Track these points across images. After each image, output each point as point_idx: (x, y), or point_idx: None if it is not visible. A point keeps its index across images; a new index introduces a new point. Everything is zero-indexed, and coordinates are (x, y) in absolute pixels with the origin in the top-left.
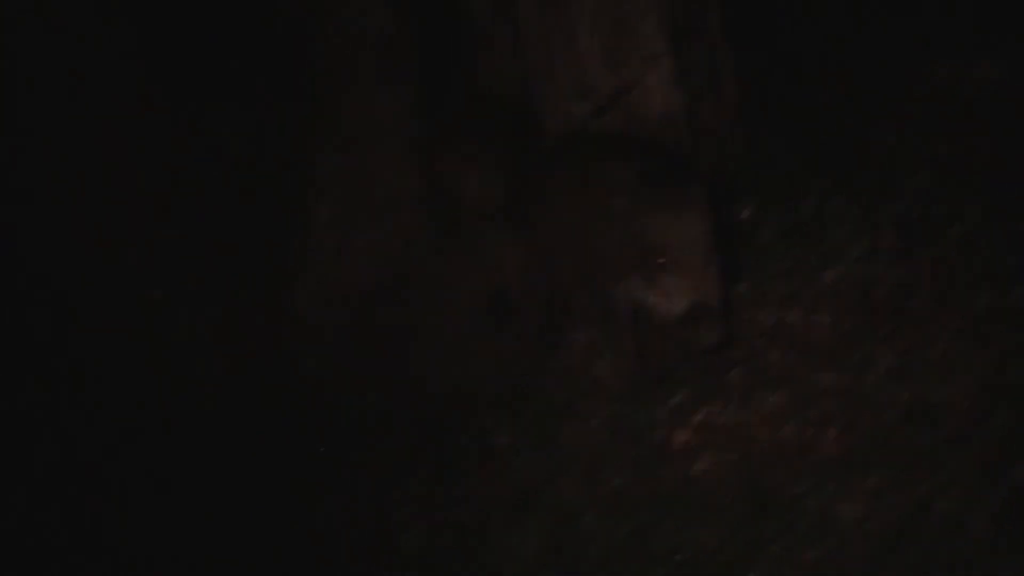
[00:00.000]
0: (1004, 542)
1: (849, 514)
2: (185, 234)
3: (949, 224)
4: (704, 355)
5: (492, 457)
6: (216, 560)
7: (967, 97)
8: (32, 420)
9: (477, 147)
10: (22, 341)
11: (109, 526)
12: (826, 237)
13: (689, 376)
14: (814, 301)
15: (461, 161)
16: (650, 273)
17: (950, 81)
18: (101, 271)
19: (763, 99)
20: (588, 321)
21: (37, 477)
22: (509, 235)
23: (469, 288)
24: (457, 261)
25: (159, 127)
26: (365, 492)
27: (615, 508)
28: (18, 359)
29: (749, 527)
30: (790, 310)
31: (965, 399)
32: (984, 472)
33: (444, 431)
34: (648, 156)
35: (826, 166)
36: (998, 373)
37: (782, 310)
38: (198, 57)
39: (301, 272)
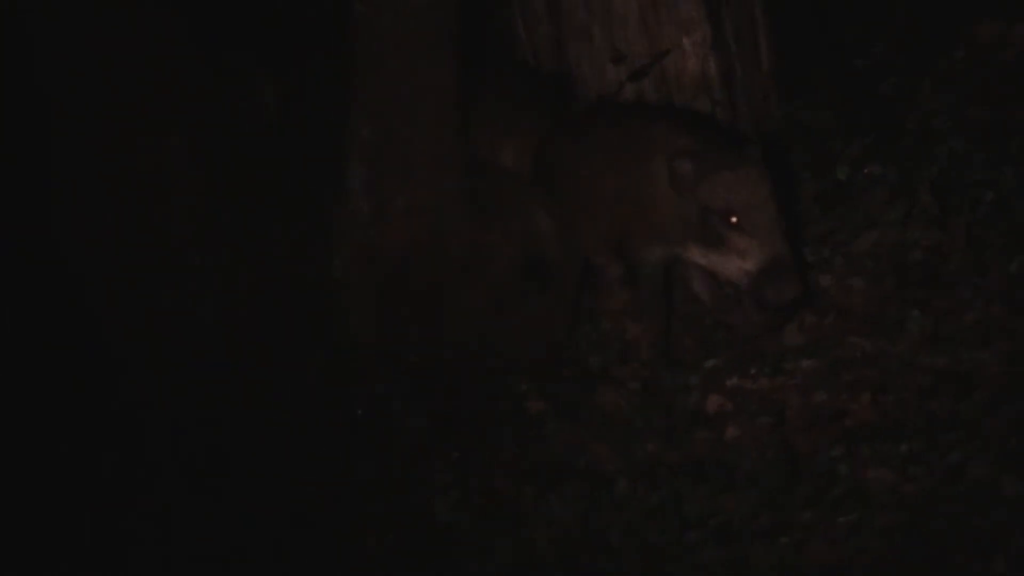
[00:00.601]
0: None
1: (882, 480)
2: (222, 197)
3: (985, 189)
4: (788, 311)
5: (526, 423)
6: (248, 524)
7: (1006, 60)
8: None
9: (513, 112)
10: (69, 314)
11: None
12: (861, 202)
13: (722, 341)
14: (848, 266)
15: (497, 126)
16: (717, 235)
17: (989, 43)
18: (136, 236)
19: (799, 62)
20: (623, 286)
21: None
22: (544, 200)
23: (504, 253)
24: (492, 226)
25: (196, 90)
26: (400, 457)
27: (649, 474)
28: (65, 338)
29: (782, 493)
30: (824, 275)
31: (999, 364)
32: (1018, 437)
33: (479, 397)
34: (694, 119)
35: (862, 130)
36: None
37: (816, 275)
38: (237, 18)
39: (339, 236)
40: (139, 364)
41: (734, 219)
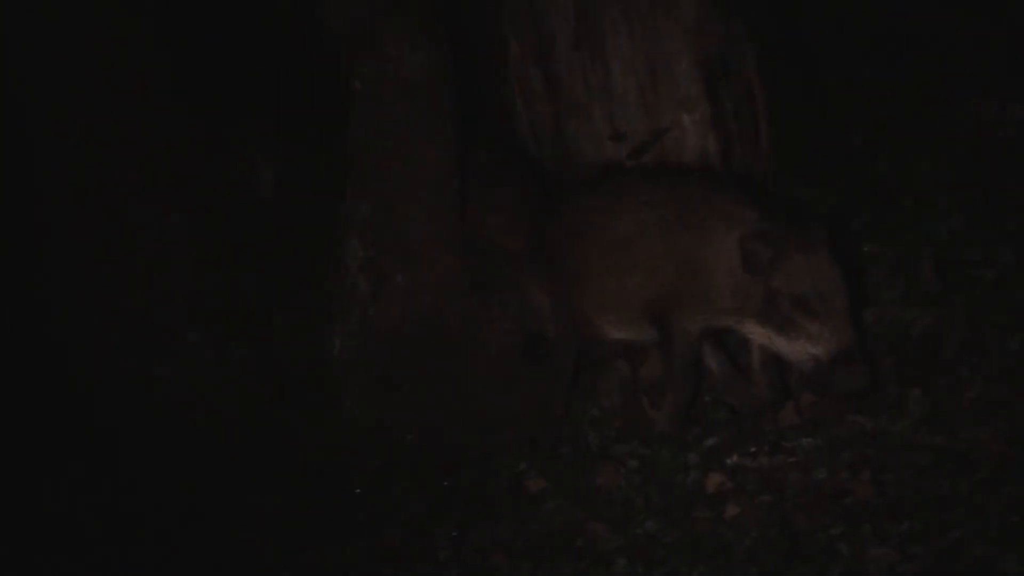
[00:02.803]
0: None
1: (882, 558)
2: (219, 273)
3: (983, 267)
4: (853, 400)
5: (525, 501)
6: None
7: (1004, 138)
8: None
9: (511, 191)
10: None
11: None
12: (861, 279)
13: (723, 419)
14: None
15: (495, 205)
16: (787, 319)
17: (987, 122)
18: (130, 310)
19: (798, 139)
20: (624, 364)
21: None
22: (542, 278)
23: (503, 331)
24: (491, 305)
25: (195, 166)
26: (397, 535)
27: (647, 553)
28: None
29: (782, 572)
30: None
31: (998, 443)
32: (1017, 516)
33: (478, 475)
34: (753, 188)
35: (862, 207)
36: None
37: None
38: (235, 95)
39: (336, 313)
40: (132, 437)
41: (807, 305)
